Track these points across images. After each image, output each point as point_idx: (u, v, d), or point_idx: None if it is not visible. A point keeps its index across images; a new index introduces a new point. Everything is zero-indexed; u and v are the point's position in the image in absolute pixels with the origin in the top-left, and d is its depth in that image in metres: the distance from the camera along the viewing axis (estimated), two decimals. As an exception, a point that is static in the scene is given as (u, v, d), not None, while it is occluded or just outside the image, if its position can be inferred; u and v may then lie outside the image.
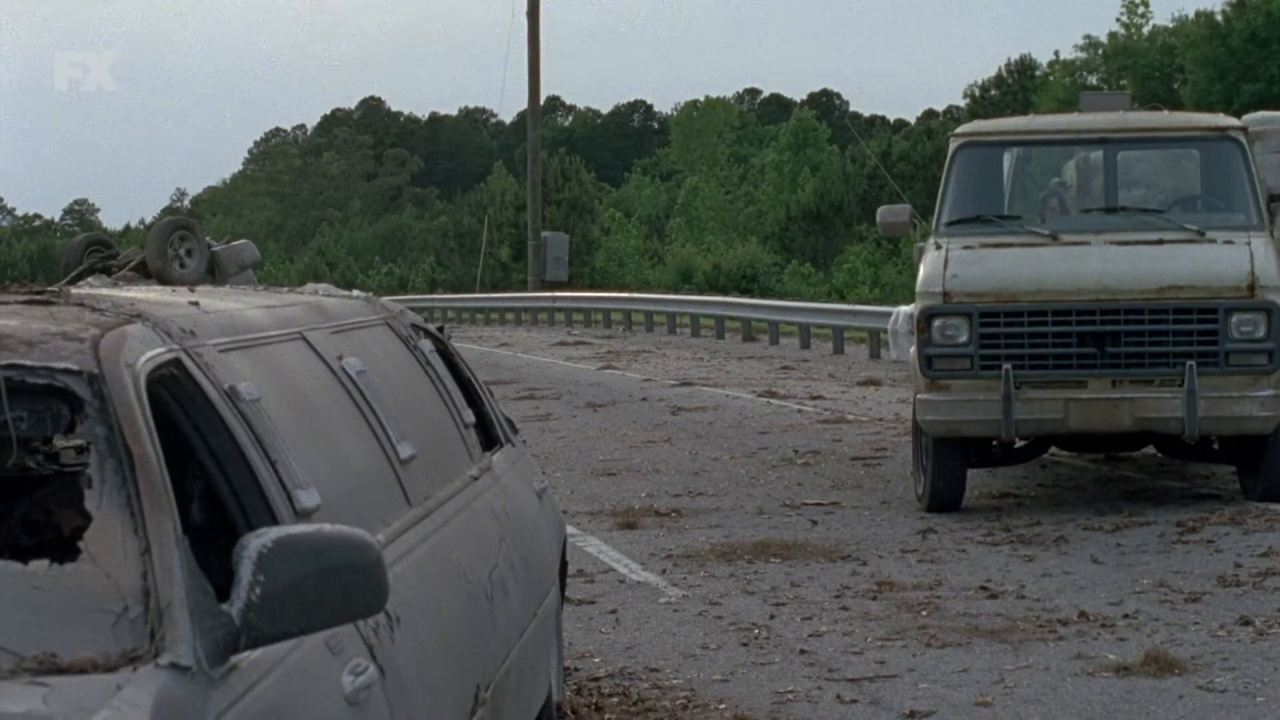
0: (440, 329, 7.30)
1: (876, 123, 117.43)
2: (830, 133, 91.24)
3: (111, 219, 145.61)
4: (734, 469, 15.54)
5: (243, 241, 25.61)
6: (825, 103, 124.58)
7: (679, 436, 18.05)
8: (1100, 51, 67.14)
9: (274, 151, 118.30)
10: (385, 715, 4.17)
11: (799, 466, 15.53)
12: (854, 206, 69.93)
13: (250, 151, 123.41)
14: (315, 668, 3.89)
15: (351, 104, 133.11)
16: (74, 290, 4.89)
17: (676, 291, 48.41)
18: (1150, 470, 14.49)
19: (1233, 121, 13.69)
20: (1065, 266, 12.46)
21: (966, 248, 12.70)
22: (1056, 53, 77.90)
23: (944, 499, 12.72)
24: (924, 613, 9.67)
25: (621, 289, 51.01)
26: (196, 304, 4.87)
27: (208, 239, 23.38)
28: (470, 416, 6.67)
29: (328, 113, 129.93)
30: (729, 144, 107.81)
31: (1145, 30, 66.76)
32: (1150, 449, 13.93)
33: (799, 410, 20.34)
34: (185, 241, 23.02)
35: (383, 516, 4.97)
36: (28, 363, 3.77)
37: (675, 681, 8.45)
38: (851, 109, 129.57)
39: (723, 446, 17.11)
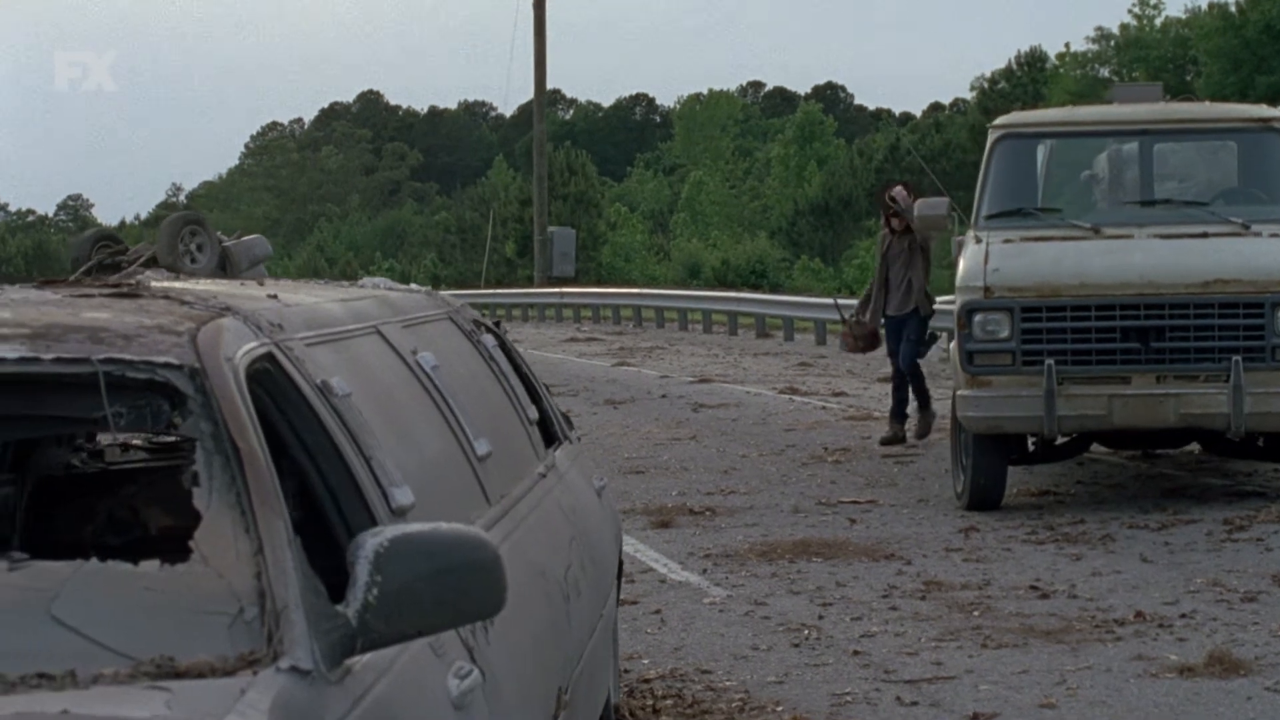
0: (497, 323, 7.24)
1: (882, 116, 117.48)
2: (837, 126, 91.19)
3: (106, 214, 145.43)
4: (764, 467, 15.48)
5: (254, 236, 25.49)
6: (830, 96, 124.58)
7: (704, 434, 17.99)
8: (1112, 43, 67.07)
9: (271, 146, 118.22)
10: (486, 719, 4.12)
11: (830, 464, 15.47)
12: (862, 201, 69.86)
13: (247, 146, 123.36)
14: (422, 671, 3.83)
15: (349, 97, 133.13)
16: (154, 282, 4.83)
17: (685, 287, 48.34)
18: (1190, 468, 14.43)
19: (1275, 113, 13.63)
20: (1108, 260, 12.39)
21: (1007, 241, 12.63)
22: (1067, 44, 77.71)
23: (984, 497, 12.66)
24: (976, 613, 9.61)
25: (628, 285, 50.97)
26: (275, 296, 4.82)
27: (219, 234, 23.54)
28: (534, 413, 6.62)
29: (325, 106, 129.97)
30: (732, 138, 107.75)
31: (1158, 22, 66.74)
32: (1188, 446, 13.85)
33: (823, 407, 20.28)
34: (196, 236, 22.96)
35: (465, 515, 4.91)
36: (127, 357, 3.70)
37: (729, 683, 8.40)
38: (856, 102, 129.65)
39: (749, 444, 17.05)
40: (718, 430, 18.29)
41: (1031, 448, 13.23)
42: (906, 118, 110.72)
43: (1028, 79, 75.60)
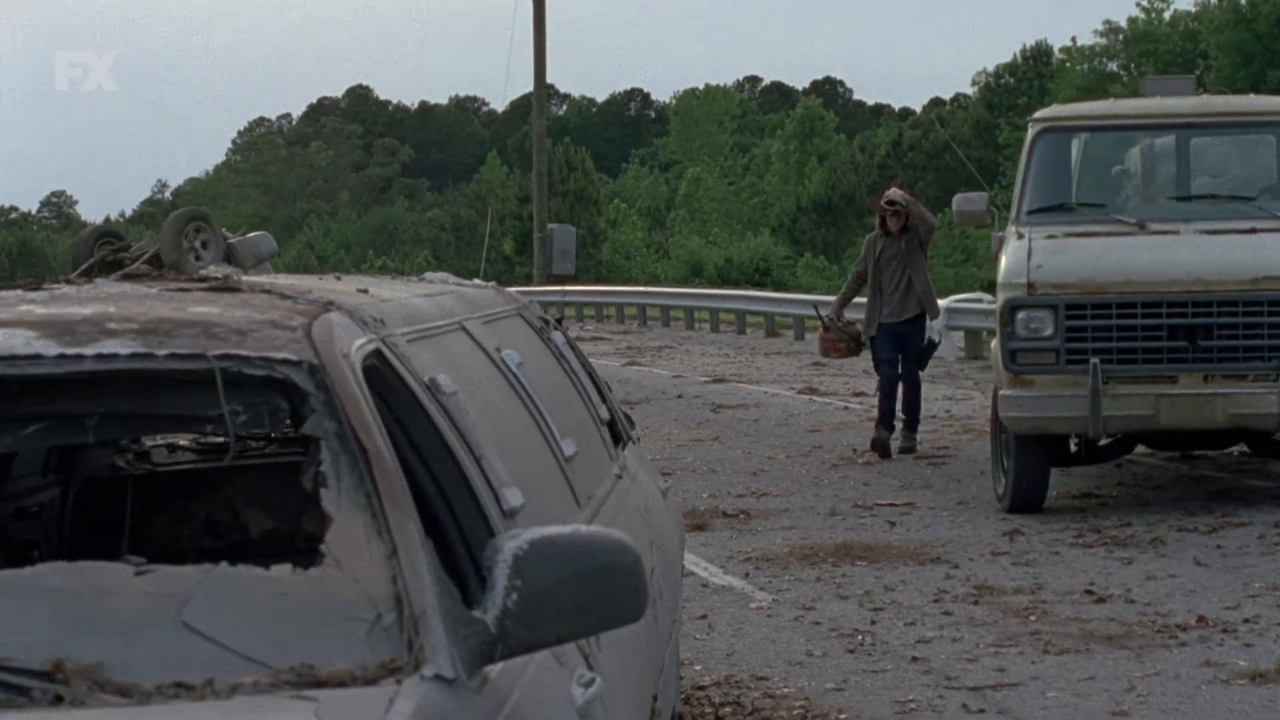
0: (559, 320, 7.16)
1: (882, 111, 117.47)
2: (838, 121, 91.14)
3: (90, 211, 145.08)
4: (793, 468, 15.41)
5: (260, 233, 25.42)
6: (829, 90, 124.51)
7: (726, 435, 17.92)
8: (1120, 37, 67.05)
9: (259, 142, 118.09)
10: (604, 728, 4.04)
11: (860, 466, 15.40)
12: (864, 198, 69.76)
13: (234, 142, 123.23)
14: (550, 679, 3.76)
15: (338, 93, 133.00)
16: (245, 277, 4.76)
17: (689, 285, 48.25)
18: (1230, 469, 14.37)
19: (1321, 105, 13.57)
20: (1155, 256, 12.32)
21: (1050, 237, 12.55)
22: (1074, 38, 77.67)
23: (1026, 499, 12.59)
24: (1032, 617, 9.54)
25: (628, 283, 50.88)
26: (366, 291, 4.75)
27: (223, 230, 23.44)
28: (604, 412, 6.55)
29: (314, 101, 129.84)
30: (729, 133, 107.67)
31: (1166, 15, 66.72)
32: (1234, 447, 13.79)
33: (845, 408, 20.21)
34: (201, 233, 22.79)
35: (561, 517, 4.84)
36: (243, 353, 3.62)
37: (786, 690, 8.33)
38: (855, 97, 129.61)
39: (775, 445, 16.98)
40: (740, 431, 18.23)
41: (1074, 449, 13.16)
42: (906, 113, 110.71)
43: (1033, 73, 75.57)
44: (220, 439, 5.36)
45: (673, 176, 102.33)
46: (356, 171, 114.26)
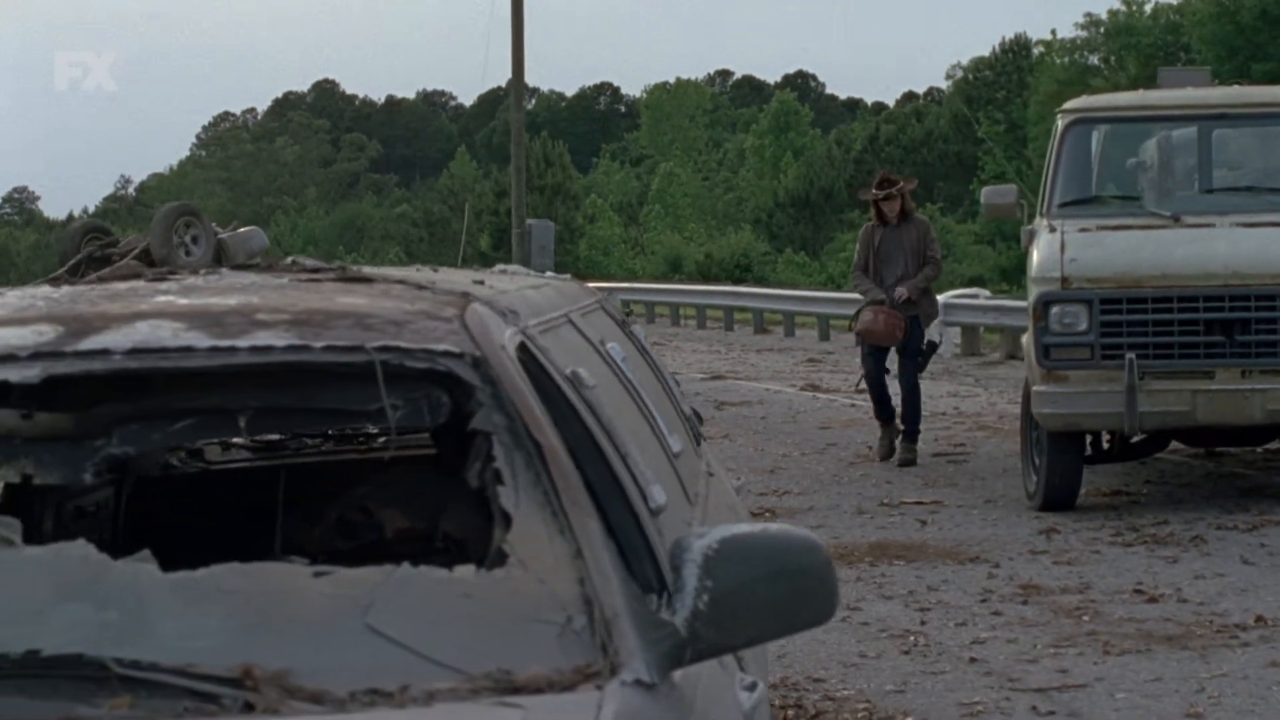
0: (629, 313, 7.08)
1: (855, 106, 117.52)
2: (813, 116, 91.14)
3: (53, 207, 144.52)
4: (811, 466, 15.34)
5: (250, 228, 25.31)
6: (801, 84, 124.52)
7: (736, 432, 17.84)
8: (1101, 30, 67.13)
9: (225, 137, 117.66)
10: (761, 733, 3.96)
11: (879, 463, 15.32)
12: (843, 192, 69.82)
13: (199, 137, 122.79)
14: (720, 684, 3.67)
15: (304, 87, 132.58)
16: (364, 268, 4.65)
17: (669, 282, 48.16)
18: (1259, 466, 14.33)
19: (1360, 96, 13.53)
20: (1191, 250, 12.26)
21: (1083, 230, 12.48)
22: (1054, 31, 77.62)
23: (1058, 497, 12.52)
24: (1085, 618, 9.47)
25: (608, 279, 50.76)
26: (482, 282, 4.66)
27: (214, 226, 23.18)
28: (686, 408, 6.46)
29: (279, 96, 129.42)
30: (701, 128, 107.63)
31: (1148, 8, 66.80)
32: (1271, 443, 13.73)
33: (852, 405, 20.12)
34: (191, 228, 22.71)
35: (683, 516, 4.75)
36: (403, 345, 3.52)
37: (846, 692, 8.25)
38: (827, 91, 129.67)
39: (787, 443, 16.91)
40: (749, 429, 18.15)
41: (1106, 446, 13.11)
42: (880, 107, 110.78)
43: (1012, 67, 75.65)
44: (279, 436, 5.25)
45: (644, 171, 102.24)
46: (324, 167, 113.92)
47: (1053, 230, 12.56)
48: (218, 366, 3.46)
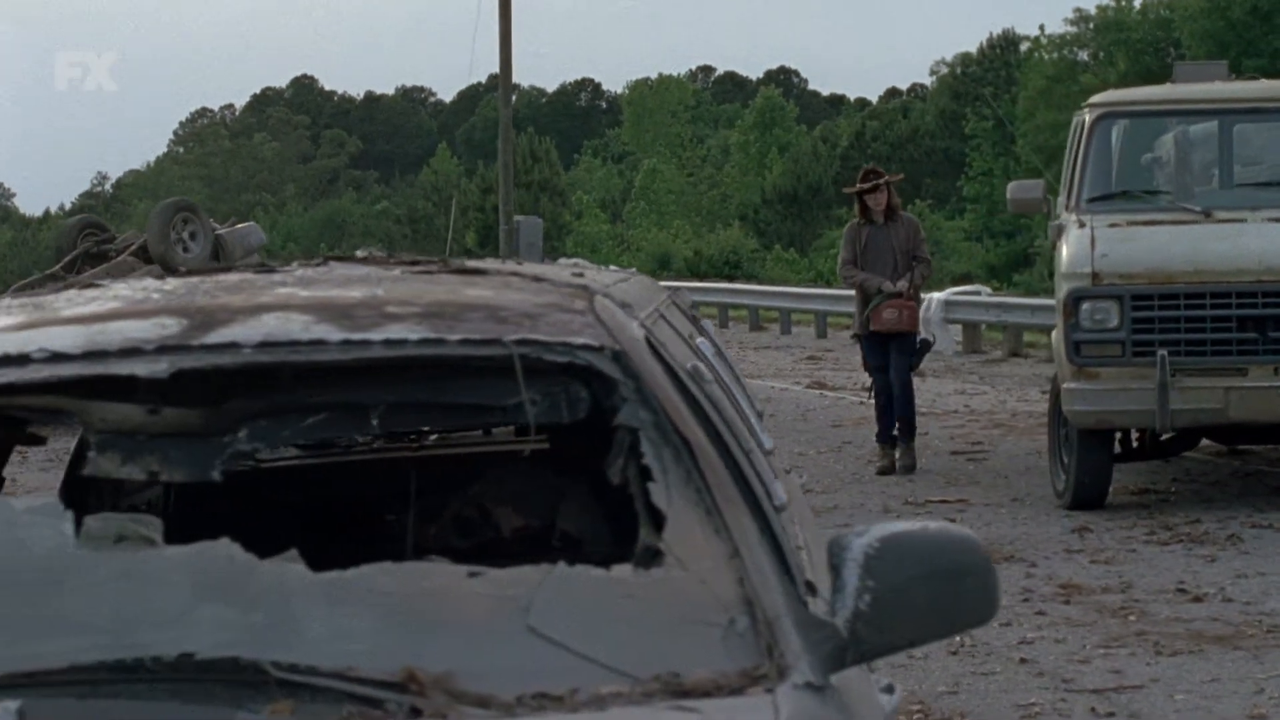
0: (693, 307, 7.00)
1: (839, 102, 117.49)
2: (798, 112, 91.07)
3: (28, 204, 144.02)
4: (829, 465, 15.29)
5: (248, 224, 25.27)
6: (784, 80, 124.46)
7: (748, 430, 17.74)
8: (1091, 26, 67.14)
9: (203, 133, 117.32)
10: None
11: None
12: (830, 189, 69.74)
13: (175, 133, 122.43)
14: (864, 687, 3.59)
15: (282, 82, 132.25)
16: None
17: (660, 279, 48.03)
18: (1281, 464, 14.32)
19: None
20: (1223, 245, 12.21)
21: (1113, 225, 12.42)
22: (1042, 27, 77.65)
23: (1088, 495, 12.47)
24: (1131, 617, 9.42)
25: (598, 276, 50.56)
26: (582, 274, 4.58)
27: (211, 221, 23.06)
28: (759, 405, 6.39)
29: (257, 92, 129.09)
30: (683, 124, 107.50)
31: (1137, 3, 66.79)
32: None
33: (861, 403, 20.00)
34: (189, 224, 22.66)
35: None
36: (541, 338, 3.44)
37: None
38: (810, 87, 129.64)
39: (802, 441, 16.85)
40: (761, 427, 18.04)
41: (1135, 444, 13.06)
42: (863, 103, 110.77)
43: (1000, 62, 75.66)
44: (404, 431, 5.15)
45: (626, 168, 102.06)
46: (304, 163, 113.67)
47: (1082, 225, 12.49)
48: (350, 360, 3.38)
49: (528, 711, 2.91)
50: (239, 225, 23.70)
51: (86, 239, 22.28)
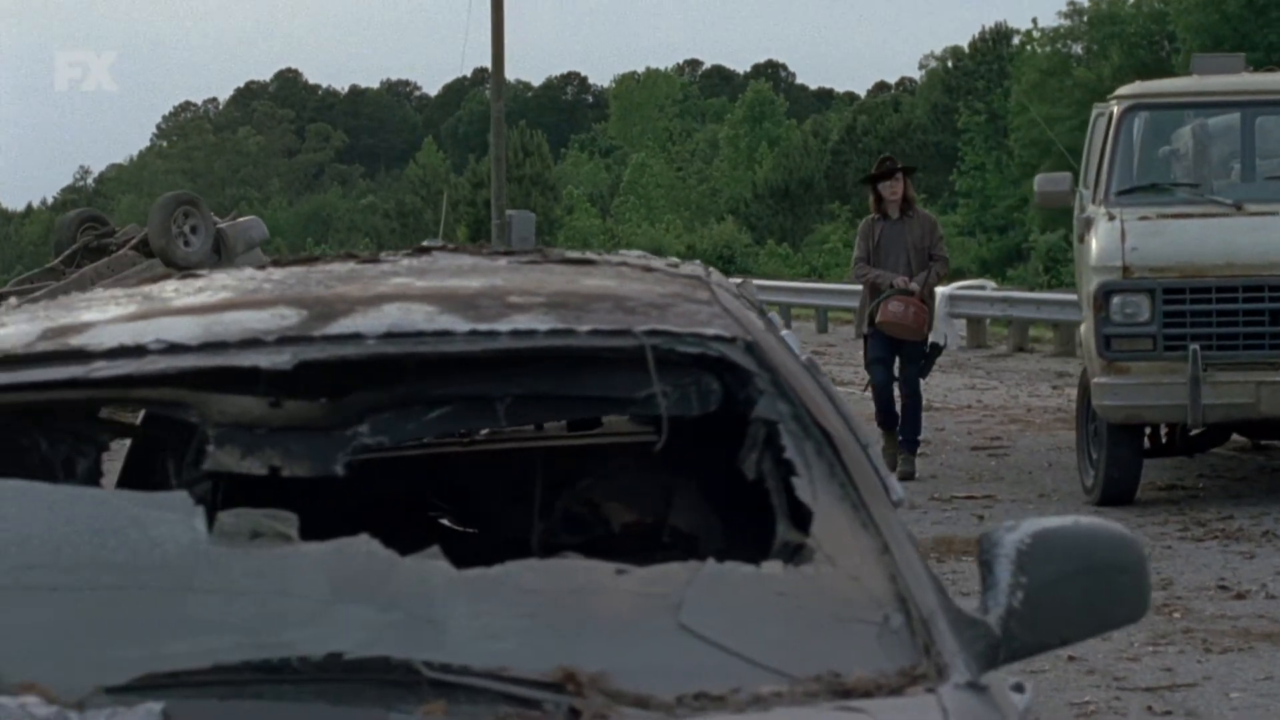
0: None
1: (827, 96, 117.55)
2: (788, 106, 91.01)
3: (10, 198, 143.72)
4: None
5: (250, 218, 25.18)
6: (771, 74, 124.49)
7: (761, 426, 17.68)
8: (1084, 19, 67.15)
9: (186, 127, 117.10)
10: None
11: (919, 456, 15.17)
12: (822, 183, 69.74)
13: (159, 127, 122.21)
14: (1000, 685, 3.52)
15: (266, 76, 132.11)
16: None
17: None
18: (1308, 459, 14.28)
19: None
20: (1256, 239, 12.16)
21: (1143, 218, 12.38)
22: (1034, 20, 77.62)
23: (1117, 491, 12.42)
24: (1176, 615, 9.37)
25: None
26: (677, 264, 4.52)
27: (212, 215, 22.93)
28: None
29: (241, 85, 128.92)
30: (670, 118, 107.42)
31: (1130, -4, 66.82)
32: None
33: (864, 396, 19.98)
34: (190, 218, 22.53)
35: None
36: (672, 329, 3.38)
37: (948, 693, 8.11)
38: (798, 81, 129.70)
39: (817, 436, 16.76)
40: (773, 422, 17.99)
41: (1164, 439, 13.01)
42: (851, 97, 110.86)
43: (992, 56, 75.66)
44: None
45: (614, 163, 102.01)
46: (288, 157, 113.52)
47: (1112, 218, 12.44)
48: (478, 352, 3.31)
49: (689, 712, 2.84)
50: (240, 219, 23.61)
51: (86, 233, 22.15)
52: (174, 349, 3.30)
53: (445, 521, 4.78)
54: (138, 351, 3.30)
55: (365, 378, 3.37)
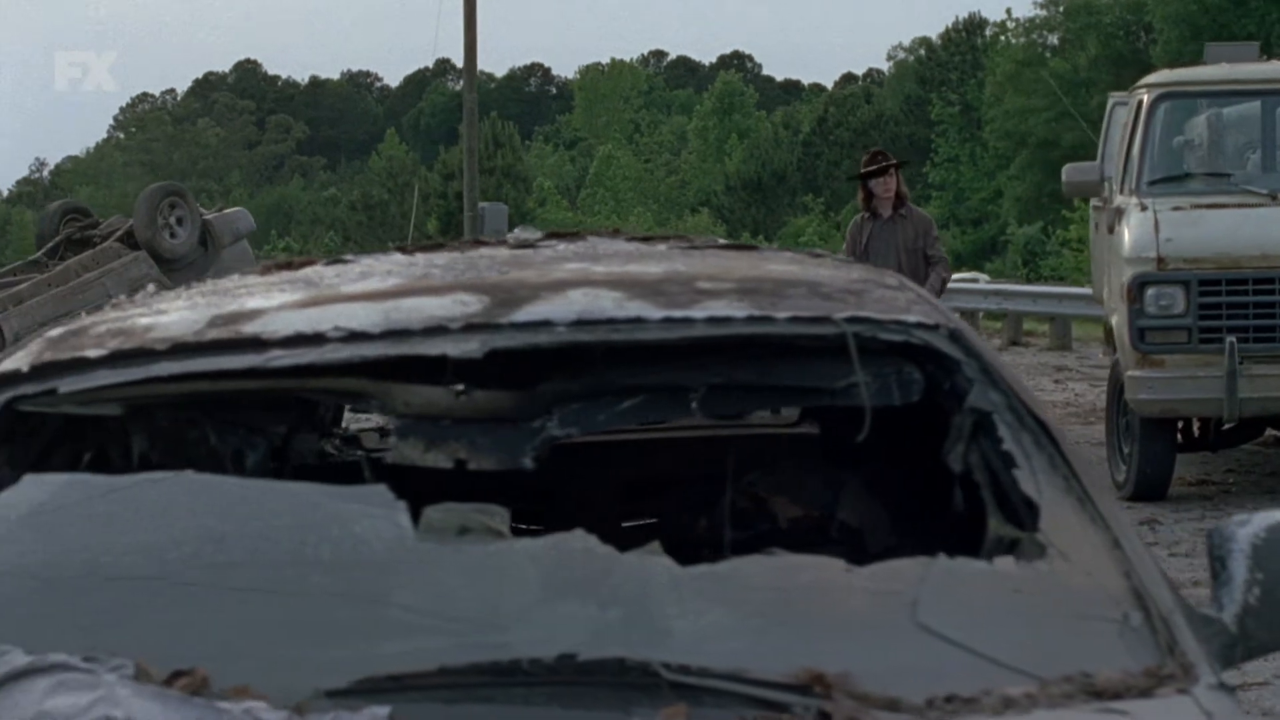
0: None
1: (795, 87, 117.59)
2: (758, 97, 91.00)
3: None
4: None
5: (237, 209, 24.94)
6: (738, 65, 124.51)
7: (769, 421, 17.61)
8: (1060, 9, 67.27)
9: (145, 118, 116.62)
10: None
11: (935, 453, 15.12)
12: (795, 175, 69.72)
13: (116, 119, 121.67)
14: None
15: (225, 67, 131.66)
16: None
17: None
18: (1336, 455, 14.25)
19: None
20: (1294, 229, 12.12)
21: (1177, 209, 12.32)
22: (1009, 10, 77.84)
23: (1150, 486, 12.36)
24: (1232, 611, 9.29)
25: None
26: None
27: (199, 206, 22.75)
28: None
29: (199, 77, 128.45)
30: (636, 109, 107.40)
31: (1107, -14, 66.95)
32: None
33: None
34: (176, 209, 22.33)
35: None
36: (874, 316, 3.28)
37: (1014, 692, 8.04)
38: (765, 72, 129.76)
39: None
40: (781, 417, 17.91)
41: (1196, 433, 12.96)
42: (818, 89, 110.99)
43: (966, 47, 75.77)
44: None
45: (579, 155, 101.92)
46: (249, 149, 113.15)
47: (1144, 209, 12.38)
48: (674, 340, 3.21)
49: (942, 715, 2.74)
50: (227, 210, 23.41)
51: (69, 224, 21.94)
52: (355, 337, 3.19)
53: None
54: (316, 340, 3.18)
55: (552, 366, 3.27)
